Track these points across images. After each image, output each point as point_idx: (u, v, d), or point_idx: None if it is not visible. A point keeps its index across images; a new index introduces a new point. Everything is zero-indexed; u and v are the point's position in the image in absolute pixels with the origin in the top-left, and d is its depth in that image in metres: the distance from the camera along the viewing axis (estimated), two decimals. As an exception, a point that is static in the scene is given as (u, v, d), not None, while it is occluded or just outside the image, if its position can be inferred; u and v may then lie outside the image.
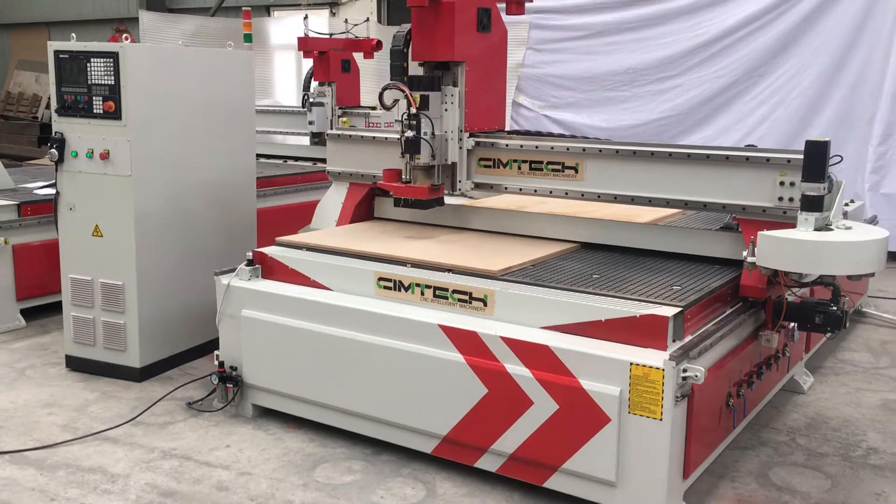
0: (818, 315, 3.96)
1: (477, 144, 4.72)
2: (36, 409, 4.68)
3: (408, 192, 4.64)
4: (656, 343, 3.45)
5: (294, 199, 7.75)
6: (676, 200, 4.23)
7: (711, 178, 4.11)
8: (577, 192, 4.48)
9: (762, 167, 3.96)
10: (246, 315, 4.43)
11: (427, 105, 4.56)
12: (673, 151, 4.21)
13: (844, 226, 3.63)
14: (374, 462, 4.07)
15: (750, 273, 3.88)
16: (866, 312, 6.55)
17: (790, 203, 3.87)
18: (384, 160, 5.06)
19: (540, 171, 4.57)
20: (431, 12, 4.50)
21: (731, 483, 3.90)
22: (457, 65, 4.62)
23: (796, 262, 3.52)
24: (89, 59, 4.86)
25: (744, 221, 4.09)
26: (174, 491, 3.79)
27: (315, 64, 8.67)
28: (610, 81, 10.06)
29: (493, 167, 4.72)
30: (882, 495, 3.79)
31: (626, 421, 3.39)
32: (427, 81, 4.59)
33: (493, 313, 3.86)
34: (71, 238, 5.11)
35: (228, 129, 5.52)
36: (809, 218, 3.59)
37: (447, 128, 4.66)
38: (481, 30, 4.68)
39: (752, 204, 4.01)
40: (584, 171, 4.42)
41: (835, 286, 3.95)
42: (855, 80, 8.80)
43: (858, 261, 3.44)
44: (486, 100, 4.81)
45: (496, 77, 4.91)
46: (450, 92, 4.62)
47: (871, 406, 4.82)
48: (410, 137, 4.49)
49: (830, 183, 3.68)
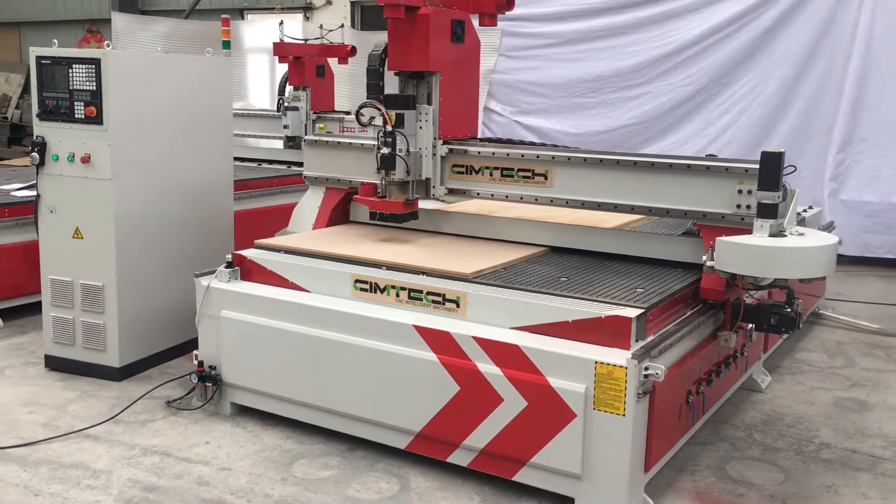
0: (773, 316, 4.16)
1: (450, 151, 4.89)
2: (16, 408, 4.77)
3: (383, 207, 4.81)
4: (620, 343, 3.64)
5: (269, 202, 7.85)
6: (641, 207, 4.42)
7: (674, 186, 4.30)
8: (547, 198, 4.66)
9: (721, 176, 4.17)
10: (225, 316, 4.56)
11: (402, 123, 4.70)
12: (637, 160, 4.41)
13: (797, 232, 3.84)
14: (349, 458, 4.21)
15: (709, 276, 4.09)
16: (823, 314, 6.81)
17: (748, 210, 4.07)
18: (360, 165, 5.23)
19: (511, 178, 4.74)
20: (407, 23, 4.65)
21: (691, 476, 4.10)
22: (431, 74, 4.78)
23: (751, 266, 3.73)
24: (71, 65, 4.96)
25: (704, 227, 4.30)
26: (156, 486, 3.91)
27: (290, 69, 8.79)
28: (579, 88, 10.28)
29: (465, 173, 4.89)
30: (832, 487, 4.01)
31: (591, 417, 3.57)
32: (402, 100, 4.75)
33: (466, 314, 4.03)
34: (51, 240, 5.20)
35: (207, 134, 5.64)
36: (764, 224, 3.80)
37: (421, 144, 4.82)
38: (455, 41, 4.84)
39: (711, 210, 4.22)
40: (553, 177, 4.61)
41: (789, 289, 4.16)
42: (815, 90, 9.10)
43: (808, 265, 3.65)
44: (459, 108, 4.98)
45: (469, 86, 5.08)
46: (424, 110, 4.79)
47: (824, 404, 5.05)
48: (386, 154, 4.64)
49: (785, 191, 3.89)
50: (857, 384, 5.38)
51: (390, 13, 4.63)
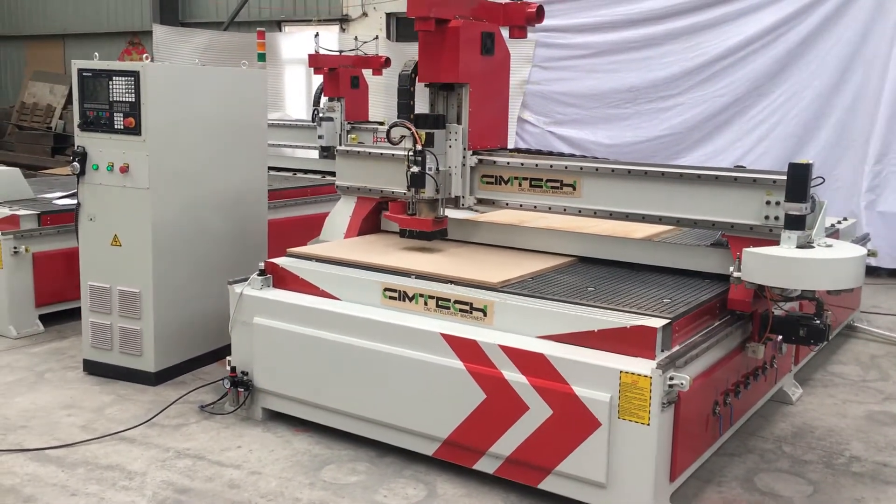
0: (802, 328, 4.15)
1: (480, 162, 4.95)
2: (56, 411, 4.90)
3: (413, 224, 4.92)
4: (645, 352, 3.66)
5: (303, 212, 7.97)
6: (669, 217, 4.44)
7: (702, 197, 4.32)
8: (575, 209, 4.70)
9: (749, 187, 4.17)
10: (258, 322, 4.65)
11: (432, 142, 4.80)
12: (665, 171, 4.43)
13: (825, 244, 3.82)
14: (377, 464, 4.27)
15: (737, 287, 4.09)
16: (858, 327, 6.74)
17: (776, 221, 4.07)
18: (391, 176, 5.31)
19: (540, 188, 4.80)
20: (437, 36, 4.73)
21: (717, 487, 4.09)
22: (461, 86, 4.86)
23: (778, 277, 3.73)
24: (111, 78, 5.10)
25: (732, 238, 4.30)
26: (188, 488, 4.00)
27: (325, 80, 8.94)
28: (613, 99, 10.29)
29: (495, 184, 4.96)
30: (861, 501, 3.98)
31: (616, 426, 3.59)
32: (432, 120, 4.85)
33: (493, 323, 4.07)
34: (91, 247, 5.34)
35: (242, 144, 5.76)
36: (792, 236, 3.80)
37: (451, 163, 4.92)
38: (485, 53, 4.91)
39: (739, 222, 4.22)
40: (581, 188, 4.65)
41: (818, 301, 4.15)
42: (851, 101, 9.01)
43: (836, 277, 3.64)
44: (489, 119, 5.05)
45: (499, 98, 5.15)
46: (453, 129, 4.89)
47: (856, 417, 5.00)
48: (416, 172, 4.74)
49: (813, 203, 3.89)
50: (890, 398, 5.32)
51: (421, 26, 4.71)
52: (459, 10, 4.82)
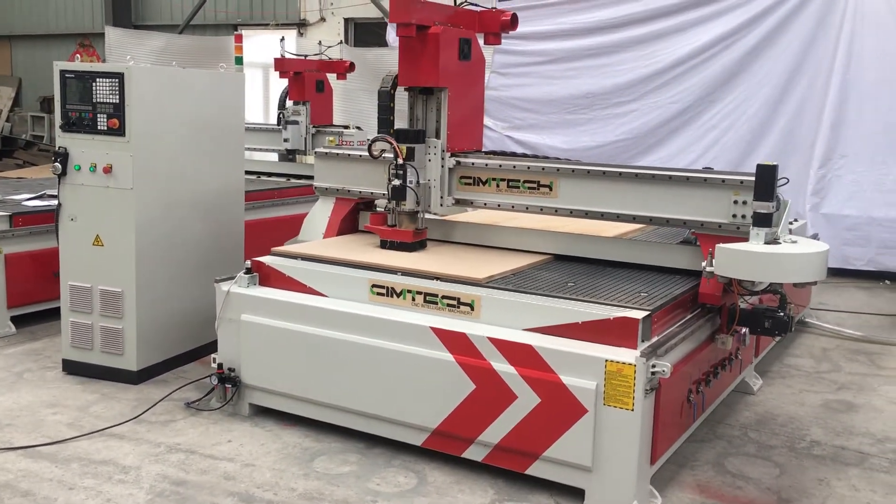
0: (767, 320, 4.42)
1: (458, 164, 5.13)
2: (40, 409, 4.93)
3: (394, 236, 5.08)
4: (627, 342, 3.88)
5: (271, 214, 8.04)
6: (642, 216, 4.68)
7: (673, 197, 4.56)
8: (552, 209, 4.91)
9: (718, 187, 4.43)
10: (245, 319, 4.75)
11: (413, 156, 4.97)
12: (639, 172, 4.67)
13: (790, 240, 4.10)
14: (367, 454, 4.41)
15: (708, 281, 4.35)
16: (809, 323, 7.09)
17: (743, 220, 4.33)
18: (368, 177, 5.48)
19: (517, 189, 5.00)
20: (418, 42, 4.91)
21: (691, 471, 4.33)
22: (440, 90, 5.03)
23: (749, 271, 4.00)
24: (94, 79, 5.15)
25: (702, 236, 4.55)
26: (184, 480, 4.09)
27: (290, 83, 9.03)
28: (570, 105, 10.59)
29: (472, 184, 5.14)
30: (824, 481, 4.26)
31: (602, 412, 3.80)
32: (413, 135, 5.02)
33: (480, 317, 4.25)
34: (71, 247, 5.37)
35: (221, 146, 5.85)
36: (760, 232, 4.06)
37: (430, 176, 5.09)
38: (462, 58, 5.09)
39: (709, 220, 4.47)
40: (557, 189, 4.86)
41: (782, 294, 4.43)
42: (797, 108, 9.46)
43: (802, 270, 3.92)
44: (466, 122, 5.22)
45: (475, 101, 5.34)
46: (432, 143, 5.06)
47: (813, 405, 5.31)
48: (397, 185, 4.92)
49: (778, 202, 4.17)
50: (843, 387, 5.65)
51: (403, 32, 4.88)
52: (438, 17, 5.00)
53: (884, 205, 9.05)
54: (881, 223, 9.03)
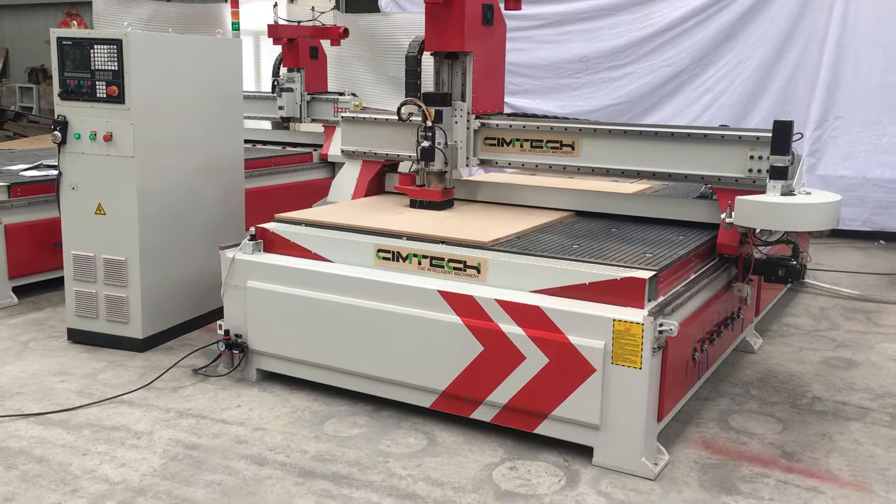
0: (781, 268, 4.65)
1: (483, 125, 5.31)
2: (48, 378, 4.95)
3: (423, 195, 5.32)
4: (634, 302, 3.92)
5: (269, 182, 8.04)
6: (661, 173, 4.86)
7: (692, 154, 4.75)
8: (574, 167, 5.11)
9: (735, 144, 4.61)
10: (252, 286, 4.77)
11: (441, 118, 5.16)
12: (658, 130, 4.84)
13: (805, 191, 4.28)
14: (376, 417, 4.46)
15: (727, 232, 4.55)
16: (806, 283, 7.16)
17: (759, 174, 4.53)
18: (393, 139, 5.69)
19: (540, 149, 5.19)
20: (444, 8, 5.06)
21: (696, 428, 4.40)
22: (465, 55, 5.18)
23: (769, 220, 4.20)
24: (93, 46, 5.11)
25: (719, 190, 4.74)
26: (197, 444, 4.13)
27: (284, 50, 8.96)
28: (565, 69, 10.56)
29: (497, 145, 5.34)
30: (826, 435, 4.34)
31: (610, 371, 3.85)
32: (440, 97, 5.19)
33: (486, 279, 4.28)
34: (73, 216, 5.36)
35: (220, 113, 5.82)
36: (777, 185, 4.24)
37: (457, 137, 5.27)
38: (486, 23, 5.24)
39: (726, 175, 4.67)
40: (580, 148, 5.04)
41: (795, 244, 4.58)
42: (792, 70, 9.47)
43: (818, 219, 4.10)
44: (489, 85, 5.40)
45: (497, 66, 5.52)
46: (459, 106, 5.24)
47: (813, 362, 5.39)
48: (426, 147, 5.11)
49: (793, 156, 4.32)
50: (842, 345, 5.73)
51: None
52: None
53: (879, 165, 9.11)
54: (876, 183, 9.10)
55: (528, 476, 3.86)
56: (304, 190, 8.39)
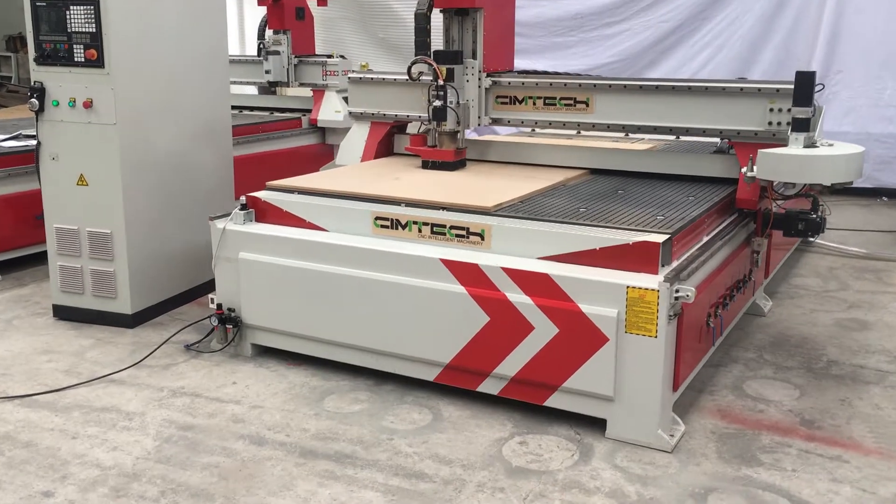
0: (801, 222, 4.61)
1: (494, 83, 5.18)
2: (34, 357, 4.75)
3: (435, 155, 5.19)
4: (648, 268, 3.73)
5: (258, 149, 7.79)
6: (678, 128, 4.75)
7: (709, 108, 4.65)
8: (589, 124, 5.00)
9: (754, 96, 4.50)
10: (244, 258, 4.56)
11: (452, 77, 5.02)
12: (675, 85, 4.72)
13: (827, 143, 4.16)
14: (377, 392, 4.28)
15: (748, 186, 4.44)
16: (813, 242, 7.00)
17: (779, 127, 4.44)
18: (402, 100, 5.59)
19: (553, 106, 5.07)
20: None
21: (711, 396, 4.24)
22: (476, 11, 5.05)
23: (794, 173, 4.09)
24: (68, 7, 4.83)
25: (738, 144, 4.64)
26: (192, 425, 3.95)
27: (269, 12, 8.64)
28: (558, 27, 10.28)
29: (509, 103, 5.22)
30: (846, 401, 4.19)
31: (623, 340, 3.67)
32: (451, 55, 5.06)
33: (491, 247, 4.09)
34: (55, 188, 5.12)
35: (205, 76, 5.57)
36: (799, 137, 4.12)
37: (468, 96, 5.14)
38: None
39: (745, 128, 4.57)
40: (594, 104, 4.93)
41: (814, 197, 4.47)
42: (793, 23, 9.23)
43: (843, 170, 4.00)
44: (500, 43, 5.28)
45: (507, 23, 5.41)
46: (470, 64, 5.11)
47: (826, 325, 5.23)
48: (438, 106, 4.98)
49: (815, 108, 4.17)
50: (853, 305, 5.58)
51: None
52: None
53: (880, 120, 8.93)
54: (878, 139, 8.91)
55: (540, 451, 3.69)
56: (295, 157, 8.15)
